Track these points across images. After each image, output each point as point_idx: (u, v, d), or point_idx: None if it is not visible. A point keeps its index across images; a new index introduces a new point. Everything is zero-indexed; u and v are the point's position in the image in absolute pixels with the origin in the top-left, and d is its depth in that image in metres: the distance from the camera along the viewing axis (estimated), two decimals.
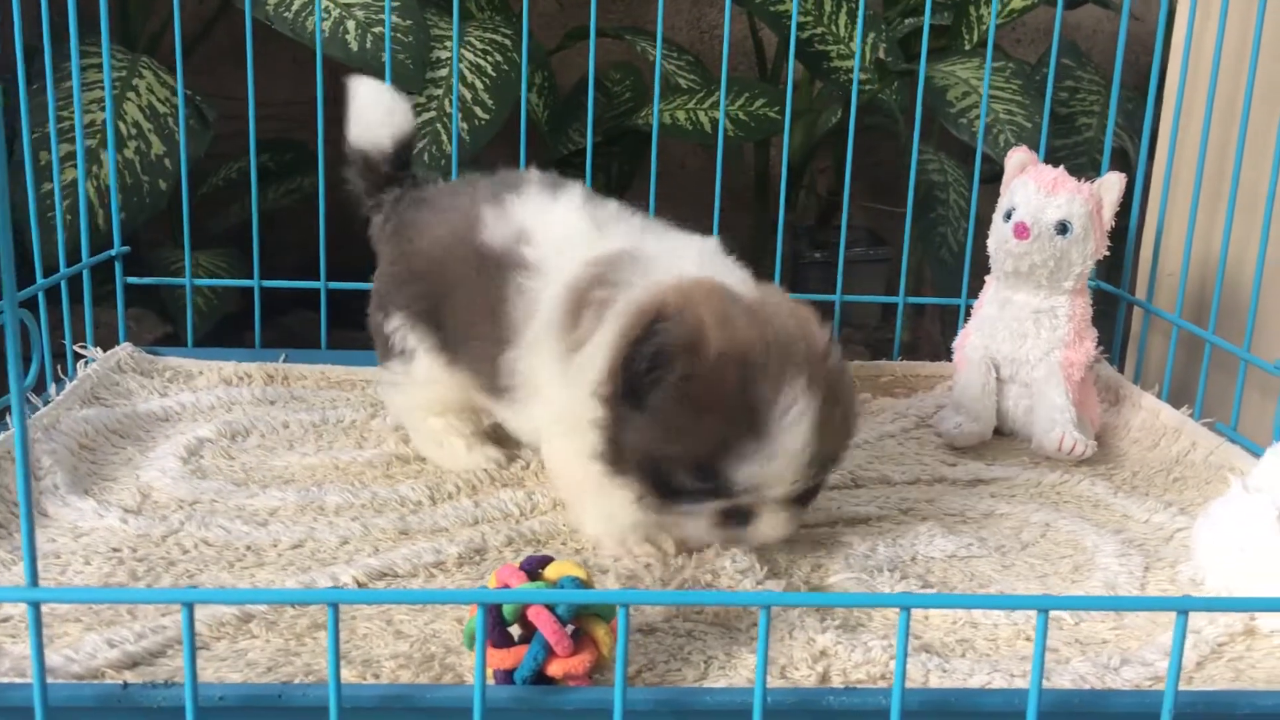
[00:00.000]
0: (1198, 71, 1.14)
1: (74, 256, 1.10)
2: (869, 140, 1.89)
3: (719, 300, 0.70)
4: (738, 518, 0.72)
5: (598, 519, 0.77)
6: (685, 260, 0.75)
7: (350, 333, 1.59)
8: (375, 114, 0.91)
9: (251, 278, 1.18)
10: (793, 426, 0.67)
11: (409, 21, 1.41)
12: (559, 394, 0.74)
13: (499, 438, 0.91)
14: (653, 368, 0.67)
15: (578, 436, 0.73)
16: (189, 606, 0.49)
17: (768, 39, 1.81)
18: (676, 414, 0.67)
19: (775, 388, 0.67)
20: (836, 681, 0.63)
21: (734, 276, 0.75)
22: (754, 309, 0.70)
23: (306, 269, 1.19)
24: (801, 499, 0.73)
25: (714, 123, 1.51)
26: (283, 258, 1.42)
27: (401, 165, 0.92)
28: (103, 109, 1.24)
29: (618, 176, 1.69)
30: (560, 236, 0.79)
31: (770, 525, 0.72)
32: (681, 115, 1.54)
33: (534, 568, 0.61)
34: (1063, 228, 0.96)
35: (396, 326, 0.87)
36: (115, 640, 0.62)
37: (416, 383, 0.87)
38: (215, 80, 1.58)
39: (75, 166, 1.20)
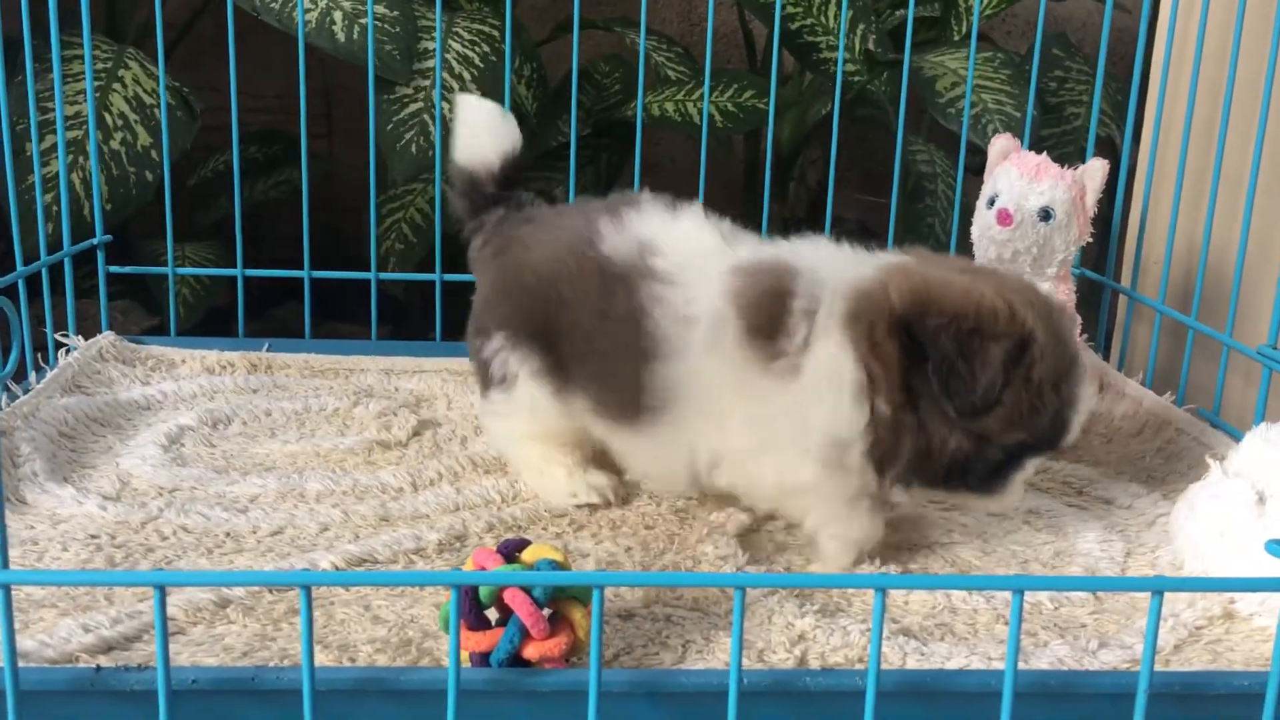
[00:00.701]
0: (1182, 60, 1.14)
1: (60, 247, 1.09)
2: (861, 132, 1.89)
3: (982, 280, 0.71)
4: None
5: (850, 525, 0.75)
6: (837, 261, 0.75)
7: (337, 324, 1.59)
8: (484, 133, 0.87)
9: (254, 271, 1.18)
10: (1087, 374, 0.71)
11: (396, 12, 1.40)
12: (757, 407, 0.71)
13: (605, 464, 0.85)
14: (1011, 366, 0.68)
15: (798, 448, 0.70)
16: (160, 589, 0.49)
17: (758, 31, 1.80)
18: (1023, 403, 0.69)
19: (1073, 347, 0.72)
20: (814, 664, 0.63)
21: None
22: (996, 280, 0.72)
23: (296, 261, 1.19)
24: None
25: (703, 114, 1.51)
26: (272, 250, 1.42)
27: (508, 185, 0.88)
28: (87, 100, 1.23)
29: (607, 169, 1.69)
30: (691, 248, 0.76)
31: (1034, 465, 0.75)
32: (670, 107, 1.54)
33: (511, 551, 0.61)
34: (1045, 214, 0.96)
35: (497, 349, 0.81)
36: (90, 625, 0.61)
37: (519, 411, 0.82)
38: (203, 72, 1.57)
39: (61, 158, 1.20)
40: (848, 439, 0.70)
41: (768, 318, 0.71)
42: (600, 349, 0.76)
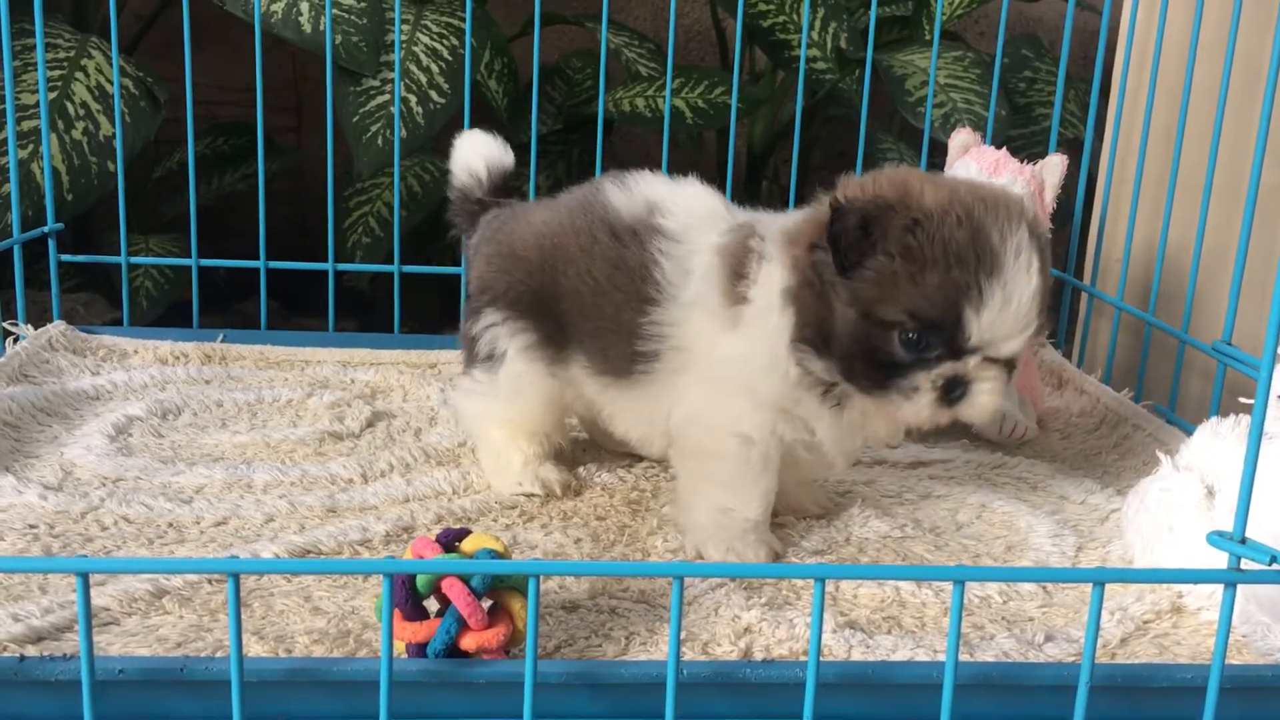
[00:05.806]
0: (1142, 63, 1.15)
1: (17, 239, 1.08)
2: (833, 131, 1.88)
3: (905, 176, 0.70)
4: (955, 391, 0.69)
5: (724, 511, 0.74)
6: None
7: (304, 319, 1.57)
8: (475, 153, 0.91)
9: (208, 261, 1.16)
10: (1024, 268, 0.67)
11: (363, 4, 1.39)
12: (719, 351, 0.73)
13: (562, 461, 0.87)
14: (865, 229, 0.67)
15: (738, 398, 0.72)
16: (83, 576, 0.48)
17: (732, 29, 1.80)
18: (900, 270, 0.66)
19: (1002, 232, 0.67)
20: (759, 657, 0.62)
21: None
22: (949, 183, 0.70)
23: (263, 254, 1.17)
24: (1009, 365, 0.70)
25: (674, 110, 1.50)
26: (239, 243, 1.41)
27: (497, 192, 0.91)
28: (49, 89, 1.22)
29: (578, 164, 1.68)
30: (698, 210, 0.78)
31: (990, 393, 0.69)
32: (641, 102, 1.54)
33: (450, 540, 0.60)
34: None
35: (488, 325, 0.81)
36: (20, 615, 0.60)
37: (499, 390, 0.81)
38: (172, 63, 1.55)
39: (23, 147, 1.18)
40: (780, 353, 0.71)
41: (735, 265, 0.74)
42: (609, 301, 0.77)
